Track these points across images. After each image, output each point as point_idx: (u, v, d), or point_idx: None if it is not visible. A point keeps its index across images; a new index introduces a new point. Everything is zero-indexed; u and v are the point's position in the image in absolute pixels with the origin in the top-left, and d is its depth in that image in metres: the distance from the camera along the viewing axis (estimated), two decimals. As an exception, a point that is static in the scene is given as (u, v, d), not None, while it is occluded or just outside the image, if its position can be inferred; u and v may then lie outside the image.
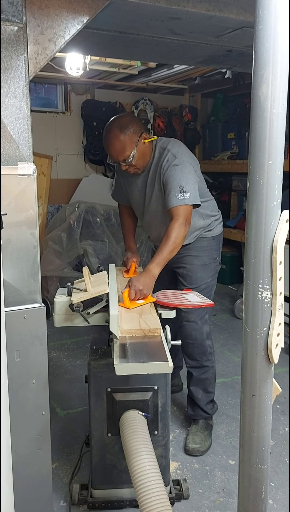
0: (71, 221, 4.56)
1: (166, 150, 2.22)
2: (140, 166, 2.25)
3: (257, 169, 1.12)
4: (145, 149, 2.23)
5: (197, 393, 2.47)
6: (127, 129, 2.13)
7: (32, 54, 1.53)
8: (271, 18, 1.06)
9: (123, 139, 2.13)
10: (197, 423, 2.48)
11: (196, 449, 2.36)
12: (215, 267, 2.47)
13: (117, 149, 2.15)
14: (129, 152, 2.15)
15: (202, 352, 2.43)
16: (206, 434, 2.45)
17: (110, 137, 2.15)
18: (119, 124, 2.15)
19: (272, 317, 1.17)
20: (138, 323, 1.78)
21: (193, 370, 2.47)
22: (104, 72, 4.41)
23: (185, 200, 2.11)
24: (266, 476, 1.28)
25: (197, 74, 4.41)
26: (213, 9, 1.79)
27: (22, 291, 1.60)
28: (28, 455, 1.64)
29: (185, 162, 2.17)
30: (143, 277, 2.02)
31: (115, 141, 2.13)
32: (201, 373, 2.46)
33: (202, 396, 2.47)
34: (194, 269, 2.40)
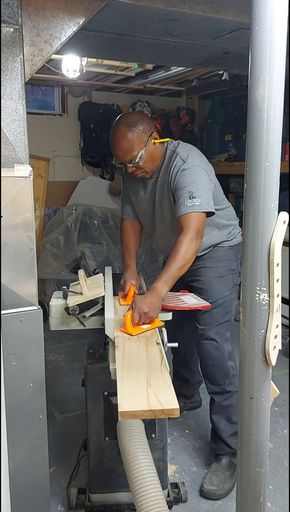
0: (69, 224, 4.55)
1: (174, 154, 2.03)
2: (148, 169, 2.04)
3: (254, 170, 1.11)
4: (155, 151, 2.02)
5: (220, 423, 2.20)
6: (136, 127, 1.94)
7: (28, 55, 1.52)
8: (268, 19, 1.06)
9: (131, 137, 1.93)
10: (220, 461, 2.20)
11: (212, 492, 2.08)
12: (234, 279, 2.21)
13: (124, 148, 1.94)
14: (137, 152, 1.94)
15: (224, 374, 2.15)
16: (227, 475, 2.15)
17: (117, 135, 1.95)
18: (127, 121, 1.95)
19: (270, 319, 1.17)
20: (146, 395, 1.30)
21: (215, 396, 2.21)
22: (101, 74, 4.41)
23: (195, 206, 1.89)
24: (264, 479, 1.27)
25: (194, 76, 4.41)
26: (209, 10, 1.79)
27: (19, 294, 1.59)
28: (26, 459, 1.63)
29: (195, 167, 1.97)
30: (149, 297, 1.76)
31: (122, 140, 1.94)
32: (223, 399, 2.19)
33: (225, 426, 2.19)
34: (210, 281, 2.17)
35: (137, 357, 1.52)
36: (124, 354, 1.54)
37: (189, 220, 1.89)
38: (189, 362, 2.62)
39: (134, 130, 1.93)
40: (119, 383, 1.36)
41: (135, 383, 1.36)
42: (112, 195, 5.39)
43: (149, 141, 1.97)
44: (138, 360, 1.50)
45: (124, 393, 1.31)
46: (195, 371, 2.65)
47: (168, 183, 2.02)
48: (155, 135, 2.00)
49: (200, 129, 5.78)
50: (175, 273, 1.83)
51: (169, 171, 2.01)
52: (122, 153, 1.96)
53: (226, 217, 2.21)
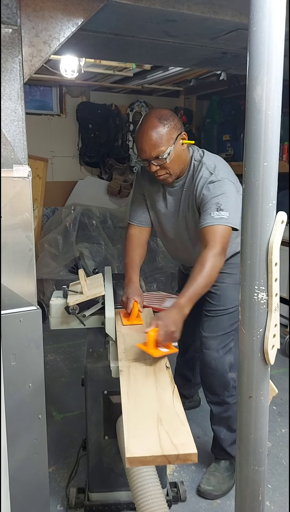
0: (67, 224, 4.56)
1: (201, 164, 1.91)
2: (173, 171, 1.89)
3: (252, 170, 1.12)
4: (182, 153, 1.89)
5: (220, 433, 2.16)
6: (167, 122, 1.81)
7: (26, 56, 1.52)
8: (266, 20, 1.07)
9: (161, 131, 1.79)
10: (218, 463, 2.20)
11: (208, 492, 2.07)
12: None
13: (153, 142, 1.79)
14: (165, 148, 1.80)
15: (223, 385, 2.08)
16: (225, 476, 2.14)
17: (146, 127, 1.81)
18: (159, 114, 1.83)
19: (268, 319, 1.17)
20: (157, 436, 1.12)
21: (213, 406, 2.16)
22: (99, 75, 4.42)
23: (222, 219, 1.76)
24: (263, 478, 1.28)
25: (192, 76, 4.42)
26: (208, 11, 1.79)
27: (17, 294, 1.59)
28: (25, 459, 1.63)
29: (224, 179, 1.85)
30: (174, 313, 1.61)
31: (152, 132, 1.79)
32: (223, 411, 2.13)
33: (225, 435, 2.15)
34: (225, 287, 2.06)
35: (144, 386, 1.36)
36: (130, 382, 1.38)
37: (215, 233, 1.76)
38: (195, 364, 2.59)
39: (165, 124, 1.81)
40: (126, 420, 1.19)
41: (144, 420, 1.19)
42: (110, 195, 5.39)
43: (178, 139, 1.85)
44: (146, 390, 1.34)
45: (131, 433, 1.13)
46: (198, 372, 2.56)
47: (193, 195, 1.91)
48: (184, 135, 1.88)
49: (198, 129, 5.79)
50: (200, 291, 1.71)
51: (195, 181, 1.90)
52: (150, 147, 1.80)
53: None
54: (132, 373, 1.42)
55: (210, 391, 2.14)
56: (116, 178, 5.37)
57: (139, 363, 1.48)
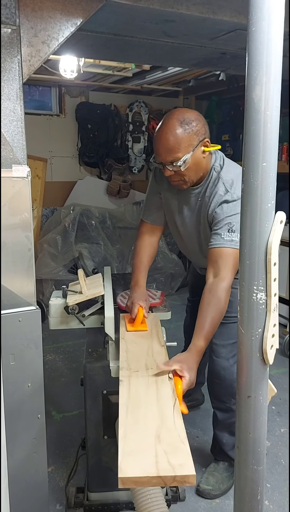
0: (66, 224, 4.56)
1: (218, 179, 1.80)
2: (189, 178, 1.79)
3: (251, 171, 1.12)
4: (202, 160, 1.78)
5: (222, 438, 2.15)
6: (189, 126, 1.70)
7: (25, 56, 1.52)
8: (265, 20, 1.07)
9: (180, 135, 1.69)
10: (218, 463, 2.19)
11: (207, 492, 2.07)
12: None
13: (169, 146, 1.70)
14: (182, 154, 1.70)
15: (230, 394, 2.05)
16: (224, 476, 2.14)
17: (165, 129, 1.70)
18: (182, 117, 1.71)
19: (267, 318, 1.18)
20: (154, 456, 1.07)
21: (218, 412, 2.14)
22: (98, 75, 4.42)
23: (233, 242, 1.68)
24: (262, 477, 1.28)
25: (191, 76, 4.42)
26: (206, 11, 1.79)
27: (17, 294, 1.59)
28: (24, 459, 1.63)
29: (239, 199, 1.65)
30: (195, 363, 1.53)
31: (170, 135, 1.69)
32: (227, 418, 2.11)
33: (227, 439, 2.14)
34: (235, 293, 1.95)
35: (145, 399, 1.29)
36: (130, 394, 1.31)
37: (225, 257, 1.68)
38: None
39: (186, 129, 1.69)
40: (122, 436, 1.11)
41: (141, 437, 1.12)
42: (109, 196, 5.39)
43: (198, 147, 1.73)
44: (147, 403, 1.27)
45: (126, 452, 1.06)
46: (200, 371, 2.47)
47: (205, 208, 1.83)
48: (206, 142, 1.76)
49: (197, 129, 5.79)
50: (214, 327, 1.65)
51: (210, 196, 1.81)
52: (166, 151, 1.71)
53: None
54: (132, 384, 1.36)
55: (216, 398, 2.13)
56: (115, 178, 5.37)
57: (141, 373, 1.42)
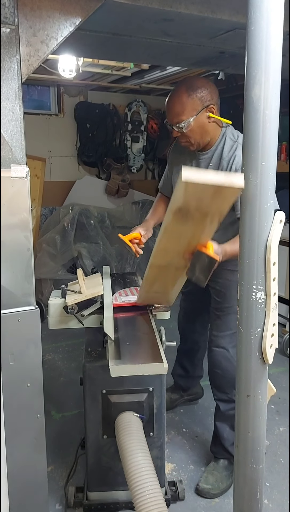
0: (65, 224, 4.55)
1: (236, 143, 1.94)
2: (194, 140, 1.95)
3: (250, 170, 1.12)
4: (207, 125, 1.93)
5: (223, 431, 2.17)
6: (194, 92, 1.87)
7: (24, 56, 1.52)
8: (263, 19, 1.07)
9: (185, 100, 1.87)
10: (217, 462, 2.20)
11: (206, 491, 2.07)
12: None
13: (175, 110, 1.89)
14: (185, 117, 1.87)
15: (231, 385, 2.05)
16: (224, 475, 2.14)
17: (173, 94, 1.92)
18: (189, 84, 1.89)
19: (266, 318, 1.18)
20: None
21: (221, 404, 2.18)
22: (97, 74, 4.41)
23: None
24: (261, 476, 1.28)
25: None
26: (205, 10, 1.79)
27: (16, 294, 1.59)
28: (23, 459, 1.63)
29: None
30: (221, 247, 1.72)
31: (176, 100, 1.89)
32: (229, 409, 2.13)
33: (228, 435, 2.16)
34: (229, 285, 2.08)
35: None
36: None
37: None
38: (194, 356, 2.61)
39: (191, 94, 1.86)
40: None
41: None
42: (108, 195, 5.39)
43: (203, 111, 1.89)
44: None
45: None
46: (197, 365, 2.62)
47: (223, 170, 1.93)
48: (212, 108, 1.91)
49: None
50: (235, 252, 1.69)
51: (229, 160, 1.92)
52: (172, 113, 1.92)
53: None
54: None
55: (218, 389, 2.17)
56: (114, 178, 5.37)
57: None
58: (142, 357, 1.59)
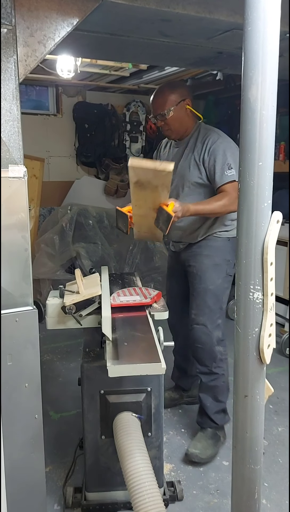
0: (64, 224, 4.55)
1: (210, 130, 2.30)
2: (174, 129, 2.32)
3: (247, 170, 1.12)
4: (185, 116, 2.31)
5: (206, 401, 2.37)
6: (175, 89, 2.28)
7: (21, 56, 1.52)
8: (260, 20, 1.07)
9: (167, 94, 2.26)
10: (204, 431, 2.39)
11: (195, 454, 2.26)
12: (228, 270, 2.33)
13: (159, 102, 2.27)
14: (167, 107, 2.25)
15: (211, 358, 2.32)
16: (210, 443, 2.33)
17: (157, 91, 2.31)
18: (171, 84, 2.36)
19: (264, 318, 1.18)
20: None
21: (202, 376, 2.38)
22: (95, 74, 4.42)
23: (233, 176, 2.15)
24: (259, 476, 1.28)
25: (188, 76, 4.42)
26: (202, 11, 1.79)
27: (13, 294, 1.59)
28: (21, 459, 1.63)
29: (229, 142, 2.25)
30: (185, 205, 2.08)
31: (160, 94, 2.28)
32: (209, 380, 2.36)
33: (211, 404, 2.36)
34: (204, 268, 2.33)
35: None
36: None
37: (229, 188, 2.15)
38: (187, 351, 2.63)
39: (171, 90, 2.27)
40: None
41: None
42: (107, 195, 5.39)
43: (181, 104, 2.27)
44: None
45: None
46: (193, 362, 2.63)
47: (200, 152, 2.25)
48: (188, 101, 2.29)
49: (194, 129, 5.79)
50: (204, 211, 2.17)
51: (204, 143, 2.24)
52: (156, 105, 2.28)
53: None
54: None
55: (200, 363, 2.37)
56: (113, 178, 5.37)
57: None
58: (140, 357, 1.58)
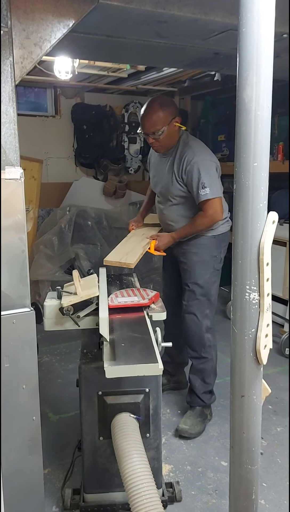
0: (62, 225, 4.55)
1: (187, 146, 2.41)
2: (164, 144, 2.43)
3: (242, 171, 1.12)
4: (174, 133, 2.42)
5: (195, 382, 2.61)
6: (166, 108, 2.36)
7: (18, 58, 1.52)
8: (254, 21, 1.07)
9: (160, 114, 2.34)
10: (193, 409, 2.62)
11: (185, 430, 2.50)
12: (215, 265, 2.57)
13: (152, 121, 2.35)
14: (160, 127, 2.35)
15: (201, 344, 2.57)
16: (198, 420, 2.57)
17: (149, 109, 2.37)
18: (161, 101, 2.39)
19: (260, 318, 1.18)
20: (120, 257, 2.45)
21: (193, 359, 2.63)
22: (93, 76, 4.42)
23: (207, 195, 2.33)
24: (256, 476, 1.28)
25: (186, 76, 4.43)
26: (198, 12, 1.80)
27: (11, 296, 1.59)
28: (19, 461, 1.63)
29: (204, 160, 2.36)
30: (166, 237, 2.50)
31: (153, 114, 2.35)
32: (199, 363, 2.60)
33: (200, 385, 2.60)
34: (193, 264, 2.55)
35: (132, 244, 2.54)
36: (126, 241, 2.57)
37: (204, 205, 2.37)
38: (178, 342, 2.79)
39: (164, 109, 2.35)
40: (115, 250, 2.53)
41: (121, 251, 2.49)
42: (105, 196, 5.39)
43: (172, 122, 2.37)
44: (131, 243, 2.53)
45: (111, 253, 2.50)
46: (182, 351, 2.88)
47: (178, 169, 2.41)
48: (177, 119, 2.39)
49: (193, 130, 5.79)
50: (185, 233, 2.47)
51: (182, 160, 2.39)
52: (149, 124, 2.37)
53: None
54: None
55: (191, 348, 2.63)
56: (111, 179, 5.37)
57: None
58: (137, 358, 1.58)
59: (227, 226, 2.59)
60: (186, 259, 2.57)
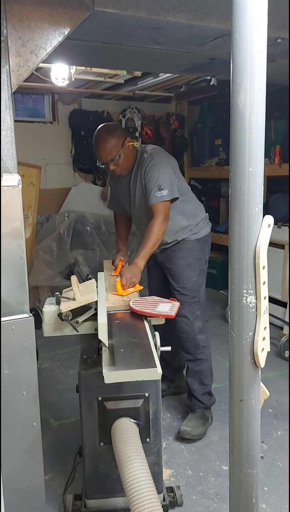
0: (61, 231, 4.56)
1: (145, 153, 2.47)
2: (125, 167, 2.48)
3: (238, 176, 1.13)
4: (130, 152, 2.47)
5: (193, 385, 2.62)
6: (114, 133, 2.40)
7: (14, 66, 1.53)
8: (247, 27, 1.08)
9: (111, 141, 2.37)
10: (194, 412, 2.63)
11: (187, 432, 2.51)
12: (200, 267, 2.62)
13: (107, 150, 2.38)
14: (116, 152, 2.38)
15: (195, 345, 2.59)
16: (200, 422, 2.59)
17: (100, 140, 2.40)
18: (107, 129, 2.43)
19: (257, 322, 1.18)
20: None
21: (188, 362, 2.65)
22: (90, 82, 4.44)
23: (163, 197, 2.36)
24: (256, 480, 1.28)
25: (183, 82, 4.45)
26: (193, 18, 1.81)
27: (10, 302, 1.60)
28: (20, 468, 1.63)
29: (161, 162, 2.41)
30: (132, 268, 2.31)
31: (105, 143, 2.38)
32: (195, 365, 2.62)
33: (198, 387, 2.62)
34: (180, 269, 2.59)
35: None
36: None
37: (158, 208, 2.36)
38: (169, 344, 2.72)
39: (113, 135, 2.38)
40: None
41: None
42: (104, 201, 5.40)
43: (124, 143, 2.41)
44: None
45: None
46: (176, 355, 2.87)
47: (141, 176, 2.46)
48: (129, 140, 2.44)
49: (190, 134, 5.81)
50: (149, 250, 2.34)
51: (141, 166, 2.45)
52: (105, 153, 2.39)
53: (193, 209, 2.61)
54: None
55: (186, 352, 2.64)
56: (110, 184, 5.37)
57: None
58: (135, 363, 1.59)
59: (208, 228, 2.65)
60: (172, 265, 2.60)
